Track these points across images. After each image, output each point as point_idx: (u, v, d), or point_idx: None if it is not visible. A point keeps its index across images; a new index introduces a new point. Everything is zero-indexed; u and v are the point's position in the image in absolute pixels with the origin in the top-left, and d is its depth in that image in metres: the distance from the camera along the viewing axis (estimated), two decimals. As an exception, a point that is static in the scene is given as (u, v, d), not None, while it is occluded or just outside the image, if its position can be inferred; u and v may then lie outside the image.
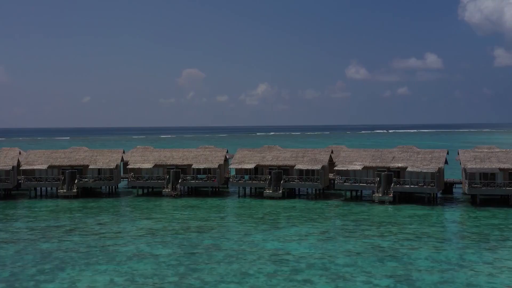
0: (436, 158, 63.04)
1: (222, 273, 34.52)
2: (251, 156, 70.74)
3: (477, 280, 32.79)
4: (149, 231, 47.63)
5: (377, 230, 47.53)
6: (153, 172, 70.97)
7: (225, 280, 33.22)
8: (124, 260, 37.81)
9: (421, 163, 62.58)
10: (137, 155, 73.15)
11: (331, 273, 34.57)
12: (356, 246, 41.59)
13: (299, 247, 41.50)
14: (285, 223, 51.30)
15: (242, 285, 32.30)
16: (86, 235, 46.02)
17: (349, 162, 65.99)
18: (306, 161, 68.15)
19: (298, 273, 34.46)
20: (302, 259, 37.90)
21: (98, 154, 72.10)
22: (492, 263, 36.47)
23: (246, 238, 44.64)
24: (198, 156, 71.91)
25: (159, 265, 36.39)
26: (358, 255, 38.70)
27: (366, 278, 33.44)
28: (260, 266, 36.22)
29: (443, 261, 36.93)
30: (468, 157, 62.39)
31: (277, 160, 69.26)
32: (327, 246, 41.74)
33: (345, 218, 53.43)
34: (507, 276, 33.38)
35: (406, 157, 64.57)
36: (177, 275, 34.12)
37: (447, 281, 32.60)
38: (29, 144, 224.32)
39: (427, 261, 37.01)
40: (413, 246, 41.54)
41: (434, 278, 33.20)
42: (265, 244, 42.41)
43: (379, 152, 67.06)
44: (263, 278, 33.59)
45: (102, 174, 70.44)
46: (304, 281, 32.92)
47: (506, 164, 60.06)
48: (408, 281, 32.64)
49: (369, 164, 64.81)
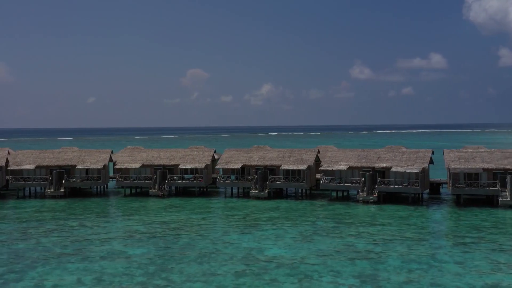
0: (421, 158, 63.04)
1: (191, 273, 34.71)
2: (238, 156, 70.94)
3: (442, 280, 32.82)
4: (127, 231, 47.92)
5: (355, 230, 47.62)
6: (141, 172, 71.28)
7: (192, 279, 33.41)
8: (96, 259, 38.05)
9: (406, 163, 62.59)
10: (125, 155, 73.49)
11: (299, 272, 34.69)
12: (330, 246, 41.68)
13: (273, 247, 41.66)
14: (265, 223, 51.44)
15: (208, 284, 32.47)
16: (64, 235, 46.33)
17: (334, 162, 66.07)
18: (292, 161, 68.28)
19: (267, 273, 34.61)
20: (274, 259, 38.06)
21: (86, 154, 72.48)
22: (463, 263, 36.48)
23: (223, 238, 44.83)
24: (185, 156, 72.19)
25: (130, 265, 36.62)
26: (330, 256, 38.78)
27: (333, 278, 33.54)
28: (231, 266, 36.39)
29: (414, 261, 36.97)
30: (453, 157, 62.35)
31: (263, 160, 69.42)
32: (301, 246, 41.85)
33: (325, 218, 53.52)
34: (473, 276, 33.39)
35: (391, 157, 64.60)
36: (145, 275, 34.32)
37: (413, 281, 32.66)
38: (30, 145, 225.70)
39: (397, 261, 37.07)
40: (388, 246, 41.60)
41: (400, 278, 33.26)
42: (240, 244, 42.58)
43: (364, 152, 67.11)
44: (231, 277, 33.76)
45: (90, 174, 70.81)
46: (270, 281, 33.07)
47: (490, 164, 60.01)
48: (373, 281, 32.72)
49: (354, 164, 64.87)
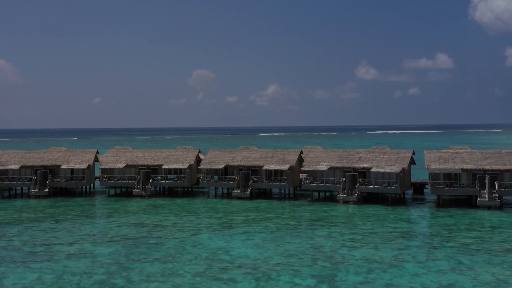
0: (401, 159, 63.06)
1: (151, 272, 34.96)
2: (221, 157, 71.21)
3: (399, 280, 32.91)
4: (101, 231, 48.28)
5: (327, 230, 47.75)
6: (125, 172, 71.70)
7: (150, 279, 33.65)
8: (62, 259, 38.37)
9: (386, 164, 62.63)
10: (110, 156, 73.94)
11: (259, 272, 34.86)
12: (297, 246, 41.80)
13: (241, 247, 41.84)
14: (240, 223, 51.68)
15: (164, 284, 32.71)
16: (37, 235, 46.74)
17: (316, 163, 66.19)
18: (274, 161, 68.46)
19: (226, 273, 34.80)
20: (238, 259, 38.25)
21: (71, 155, 73.02)
22: (424, 263, 36.55)
23: (193, 238, 45.10)
24: (169, 157, 72.57)
25: (93, 264, 36.92)
26: (294, 256, 38.89)
27: (290, 278, 33.68)
28: (193, 266, 36.60)
29: (376, 262, 37.06)
30: (433, 157, 62.31)
31: (246, 161, 69.63)
32: (269, 246, 42.01)
33: (301, 219, 53.65)
34: (430, 277, 33.43)
35: (372, 157, 64.66)
36: (105, 274, 34.61)
37: (369, 281, 32.76)
38: (30, 145, 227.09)
39: (359, 261, 37.18)
40: (355, 246, 41.73)
41: (357, 278, 33.37)
42: (208, 244, 42.80)
43: (346, 153, 67.21)
44: (189, 277, 33.97)
45: (75, 174, 71.32)
46: (227, 280, 33.26)
47: (469, 164, 59.94)
48: (330, 281, 32.84)
49: (335, 164, 64.97)
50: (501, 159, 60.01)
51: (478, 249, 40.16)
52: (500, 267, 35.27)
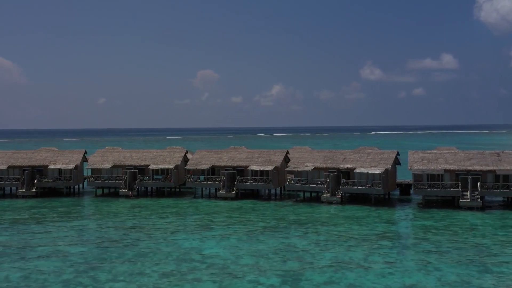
0: (385, 159, 63.06)
1: (119, 272, 35.17)
2: (208, 157, 71.43)
3: (363, 280, 32.98)
4: (79, 230, 48.59)
5: (304, 230, 47.84)
6: (112, 172, 72.02)
7: (116, 278, 33.88)
8: (34, 258, 38.70)
9: (370, 164, 62.65)
10: (98, 156, 74.31)
11: (226, 272, 35.01)
12: (271, 246, 41.92)
13: (214, 247, 42.02)
14: (219, 223, 51.84)
15: (129, 283, 32.91)
16: (15, 234, 47.08)
17: (301, 163, 66.28)
18: (260, 162, 68.62)
19: (193, 273, 34.99)
20: (208, 258, 38.43)
21: (59, 155, 73.45)
22: (392, 263, 36.59)
23: (169, 238, 45.30)
24: (156, 157, 72.87)
25: (63, 263, 37.19)
26: (264, 256, 39.00)
27: (255, 277, 33.82)
28: (162, 265, 36.80)
29: (345, 262, 37.14)
30: (416, 158, 62.29)
31: (232, 161, 69.82)
32: (242, 246, 42.16)
33: (281, 219, 53.71)
34: (395, 277, 33.50)
35: (356, 158, 64.69)
36: (73, 273, 34.86)
37: (333, 282, 32.87)
38: (32, 145, 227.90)
39: (328, 261, 37.28)
40: (327, 246, 41.82)
41: (322, 279, 33.48)
42: (183, 244, 43.01)
43: (331, 153, 67.25)
44: (155, 277, 34.17)
45: (63, 174, 71.71)
46: (192, 280, 33.46)
47: (452, 165, 59.87)
48: (294, 281, 32.95)
49: (320, 165, 65.04)
50: (484, 160, 59.91)
51: (449, 250, 40.15)
52: (466, 267, 35.29)
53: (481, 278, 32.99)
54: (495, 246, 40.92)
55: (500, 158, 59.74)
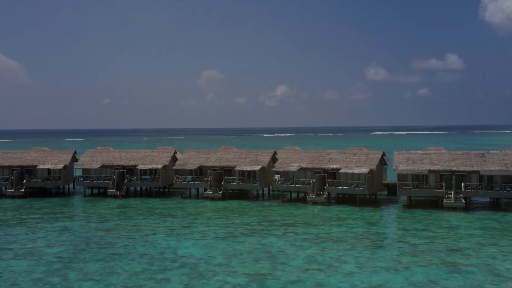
0: (370, 160, 63.05)
1: (90, 272, 35.38)
2: (196, 157, 71.66)
3: (330, 280, 33.07)
4: (59, 231, 48.87)
5: (283, 231, 47.92)
6: (101, 172, 72.32)
7: (86, 277, 34.10)
8: (9, 258, 38.99)
9: (355, 165, 62.66)
10: (87, 156, 74.66)
11: (196, 272, 35.15)
12: (246, 246, 42.06)
13: (190, 246, 42.20)
14: (200, 223, 52.00)
15: (97, 283, 33.12)
16: (-4, 233, 47.51)
17: (287, 164, 66.37)
18: (247, 162, 68.76)
19: (164, 272, 35.16)
20: (182, 258, 38.60)
21: (48, 155, 73.87)
22: (363, 263, 36.60)
23: (148, 238, 45.52)
24: (145, 157, 73.15)
25: (36, 263, 37.47)
26: (238, 256, 39.15)
27: (224, 277, 33.95)
28: (134, 264, 37.00)
29: (317, 261, 37.20)
30: (402, 158, 62.24)
31: (220, 161, 70.00)
32: (218, 246, 42.28)
33: (263, 219, 53.78)
34: (363, 277, 33.55)
35: (342, 158, 64.72)
36: (44, 273, 35.11)
37: (301, 281, 32.95)
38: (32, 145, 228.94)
39: (300, 262, 37.33)
40: (303, 246, 41.90)
41: (290, 278, 33.56)
42: (159, 244, 43.18)
43: (317, 154, 67.30)
44: (125, 276, 34.37)
45: (52, 174, 72.10)
46: (161, 279, 33.63)
47: (436, 166, 59.80)
48: (262, 280, 33.06)
49: (306, 165, 65.10)
50: (469, 160, 59.81)
51: (424, 250, 40.12)
52: (437, 268, 35.27)
53: (449, 279, 32.98)
54: (470, 247, 40.85)
55: (485, 159, 59.62)
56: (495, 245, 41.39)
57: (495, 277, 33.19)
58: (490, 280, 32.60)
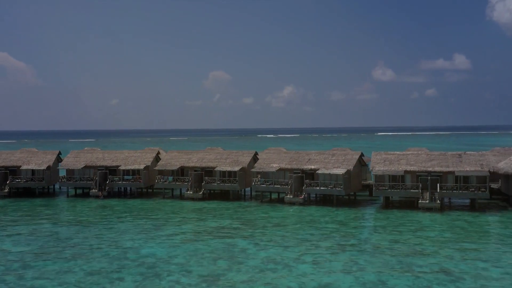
0: (348, 160, 63.14)
1: (48, 270, 35.79)
2: (178, 158, 72.07)
3: (281, 280, 33.17)
4: (31, 230, 49.40)
5: (252, 231, 48.17)
6: (84, 173, 72.93)
7: (42, 276, 34.50)
8: (-28, 256, 39.60)
9: (333, 165, 62.77)
10: (71, 157, 75.31)
11: (152, 272, 35.43)
12: (210, 246, 42.28)
13: (154, 246, 42.46)
14: (172, 223, 52.37)
15: (51, 281, 33.49)
16: (-33, 233, 48.10)
17: (267, 164, 66.60)
18: (228, 162, 69.07)
19: (120, 271, 35.50)
20: (142, 258, 38.89)
21: (33, 156, 74.61)
22: (319, 263, 36.70)
23: (115, 238, 45.89)
24: (128, 158, 73.65)
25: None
26: (198, 256, 39.35)
27: (178, 277, 34.19)
28: (93, 264, 37.33)
29: (274, 262, 37.31)
30: (379, 159, 62.28)
31: (201, 162, 70.38)
32: (183, 246, 42.53)
33: (237, 219, 54.02)
34: (315, 277, 33.65)
35: (321, 159, 64.86)
36: (2, 272, 35.56)
37: (251, 281, 33.13)
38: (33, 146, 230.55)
39: (257, 261, 37.50)
40: (267, 246, 42.10)
41: (243, 277, 33.78)
42: (125, 243, 43.51)
43: (297, 154, 67.51)
44: (80, 275, 34.72)
45: (36, 175, 72.79)
46: (115, 279, 33.97)
47: (413, 166, 59.80)
48: (214, 281, 33.25)
49: (285, 166, 65.30)
50: (445, 161, 59.76)
51: (385, 250, 40.23)
52: (391, 268, 35.35)
53: (399, 278, 33.06)
54: (431, 248, 40.88)
55: (461, 159, 59.56)
56: (456, 246, 41.38)
57: (446, 277, 33.24)
58: (440, 280, 32.64)
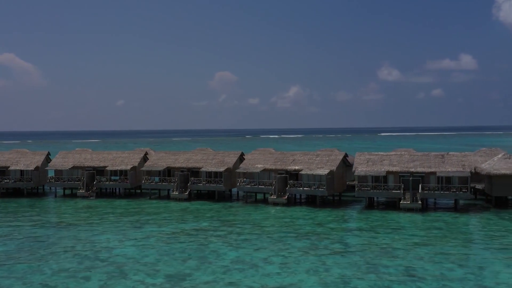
0: (332, 161, 63.19)
1: (16, 269, 36.04)
2: (165, 159, 72.36)
3: (245, 280, 33.24)
4: (10, 230, 49.81)
5: (229, 230, 48.33)
6: (73, 173, 73.37)
7: (10, 276, 34.76)
8: None
9: (316, 166, 62.85)
10: (60, 157, 75.79)
11: (119, 271, 35.64)
12: (183, 246, 42.49)
13: (128, 246, 42.69)
14: (152, 224, 52.59)
15: (17, 280, 33.80)
16: None
17: (252, 165, 66.76)
18: (214, 163, 69.29)
19: (88, 271, 35.74)
20: (113, 257, 39.08)
21: (22, 156, 75.13)
22: (287, 264, 36.76)
23: (91, 237, 46.18)
24: (115, 159, 74.03)
25: (-31, 261, 38.37)
26: (170, 255, 39.56)
27: (144, 277, 34.32)
28: (63, 263, 37.60)
29: (242, 262, 37.43)
30: (362, 159, 62.28)
31: (187, 162, 70.63)
32: (156, 246, 42.67)
33: (216, 220, 54.15)
34: (279, 277, 33.73)
35: (305, 159, 64.94)
36: (-29, 271, 36.02)
37: (215, 281, 33.21)
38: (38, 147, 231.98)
39: (226, 262, 37.66)
40: (240, 246, 42.18)
41: (208, 278, 33.95)
42: (100, 243, 43.77)
43: (282, 155, 67.65)
44: (48, 274, 35.00)
45: (25, 175, 73.32)
46: (81, 278, 34.21)
47: (395, 167, 59.77)
48: (179, 281, 33.42)
49: (269, 166, 65.42)
50: (428, 161, 59.69)
51: (355, 251, 40.28)
52: (357, 269, 35.34)
53: (363, 279, 33.11)
54: (402, 248, 40.86)
55: (444, 160, 59.47)
56: (428, 246, 41.35)
57: (408, 277, 33.27)
58: (402, 280, 32.68)
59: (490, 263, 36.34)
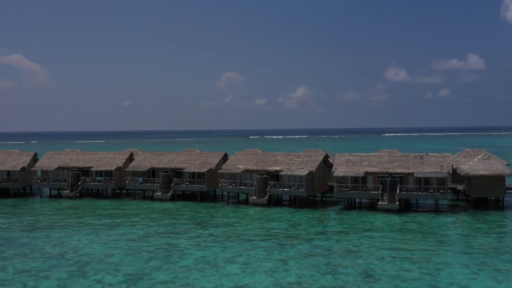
0: (312, 162, 63.27)
1: (-20, 269, 36.66)
2: (149, 159, 72.76)
3: (203, 280, 33.48)
4: (-14, 230, 50.43)
5: (201, 231, 48.56)
6: (59, 174, 73.93)
7: (-29, 275, 35.35)
8: None
9: (296, 167, 62.97)
10: (46, 158, 76.40)
11: (80, 270, 35.96)
12: (152, 246, 42.78)
13: (97, 246, 43.07)
14: (127, 224, 52.91)
15: (-20, 280, 34.35)
16: None
17: (234, 165, 66.96)
18: (197, 164, 69.57)
19: (49, 270, 36.04)
20: (79, 257, 39.42)
21: (9, 157, 75.81)
22: (250, 264, 36.93)
23: (63, 237, 46.58)
24: (101, 159, 74.51)
25: None
26: (135, 255, 39.83)
27: (103, 276, 34.68)
28: (28, 263, 37.98)
29: (207, 262, 37.62)
30: (342, 160, 62.31)
31: (171, 163, 70.97)
32: (124, 245, 42.99)
33: (192, 220, 54.42)
34: (237, 277, 33.90)
35: (286, 160, 65.07)
36: None
37: (173, 281, 33.42)
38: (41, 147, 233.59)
39: (189, 261, 37.87)
40: (207, 246, 42.36)
41: (166, 277, 34.17)
42: (70, 243, 44.14)
43: (264, 156, 67.83)
44: (10, 273, 35.34)
45: (12, 176, 73.98)
46: (41, 277, 34.49)
47: (374, 168, 59.76)
48: (137, 281, 33.62)
49: (250, 167, 65.60)
50: (406, 162, 59.62)
51: (320, 252, 40.35)
52: (317, 269, 35.35)
53: (318, 280, 33.11)
54: (367, 249, 40.84)
55: (423, 161, 59.37)
56: (393, 247, 41.36)
57: (364, 278, 33.33)
58: (357, 281, 32.76)
59: (450, 264, 36.33)
